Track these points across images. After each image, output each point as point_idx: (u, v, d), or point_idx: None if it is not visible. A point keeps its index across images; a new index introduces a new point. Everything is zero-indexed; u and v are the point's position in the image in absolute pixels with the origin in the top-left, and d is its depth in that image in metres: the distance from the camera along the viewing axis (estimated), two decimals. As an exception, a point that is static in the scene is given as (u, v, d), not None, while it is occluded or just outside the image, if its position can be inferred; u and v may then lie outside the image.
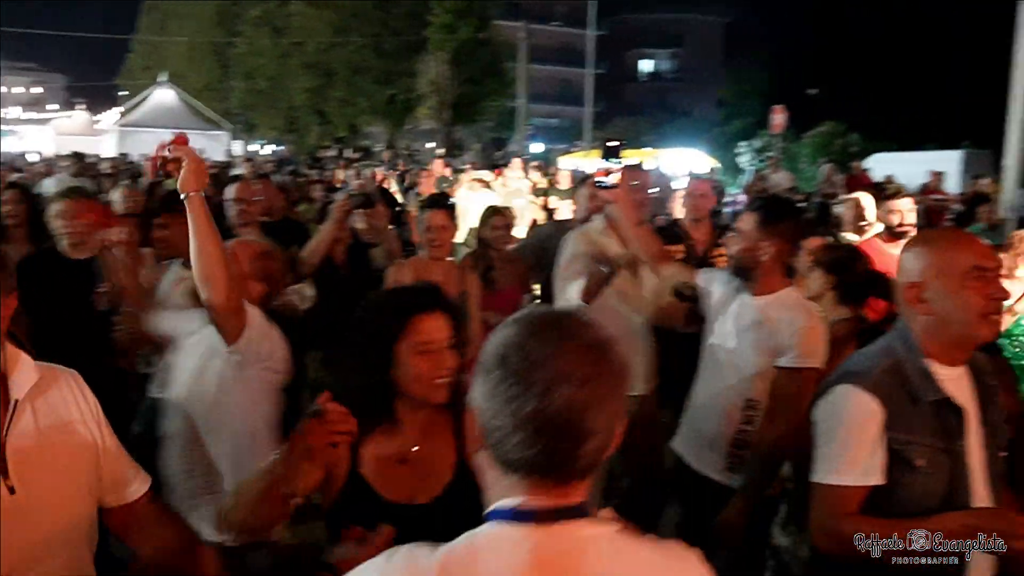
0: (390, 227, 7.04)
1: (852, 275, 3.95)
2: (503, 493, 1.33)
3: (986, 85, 21.07)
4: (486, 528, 1.32)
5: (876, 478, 2.26)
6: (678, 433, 3.76)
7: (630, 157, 18.78)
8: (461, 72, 34.76)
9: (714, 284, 3.68)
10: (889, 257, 4.79)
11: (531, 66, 36.86)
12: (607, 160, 3.59)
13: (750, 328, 3.41)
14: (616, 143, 3.65)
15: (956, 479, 2.26)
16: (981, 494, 2.30)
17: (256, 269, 3.00)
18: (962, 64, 38.52)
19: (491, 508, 1.34)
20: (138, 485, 2.18)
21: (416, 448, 2.26)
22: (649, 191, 4.68)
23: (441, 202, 4.71)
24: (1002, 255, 4.62)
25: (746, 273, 3.49)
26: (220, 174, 11.27)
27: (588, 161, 22.60)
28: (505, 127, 39.78)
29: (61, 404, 2.01)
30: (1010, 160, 14.53)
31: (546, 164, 22.76)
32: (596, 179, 3.64)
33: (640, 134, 38.39)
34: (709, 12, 57.41)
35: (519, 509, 1.30)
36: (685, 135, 35.51)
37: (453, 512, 2.06)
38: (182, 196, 2.76)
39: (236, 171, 13.88)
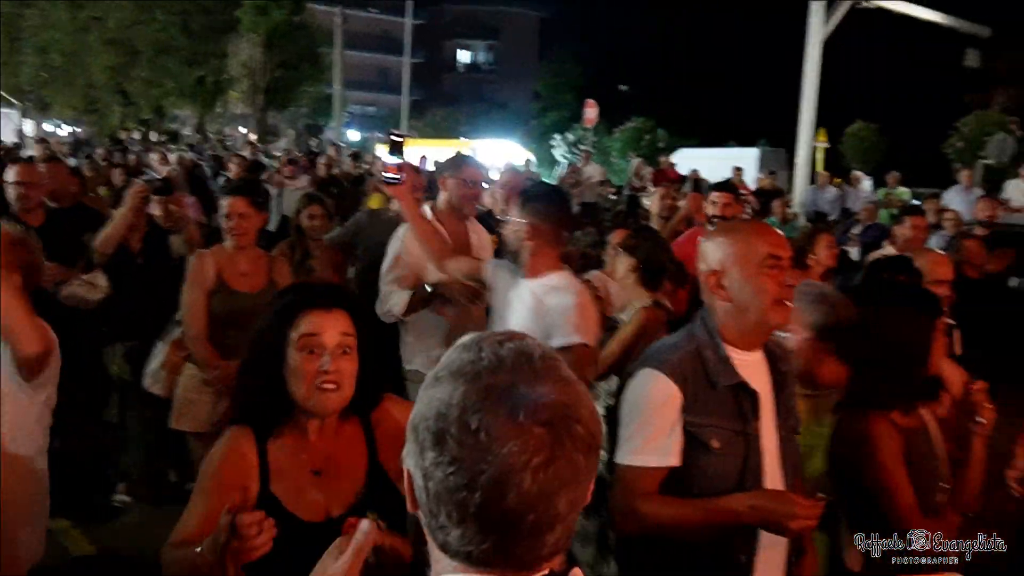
0: (198, 214, 6.74)
1: (654, 258, 4.08)
2: (448, 569, 1.11)
3: (780, 87, 22.39)
4: None
5: (673, 459, 2.32)
6: None
7: (454, 147, 18.75)
8: (275, 56, 33.67)
9: (500, 272, 3.72)
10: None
11: (348, 52, 36.23)
12: (391, 155, 3.55)
13: (527, 311, 3.47)
14: (400, 138, 3.61)
15: (749, 461, 2.35)
16: (774, 476, 2.39)
17: (9, 258, 2.74)
18: (760, 67, 40.89)
19: None
20: None
21: (324, 463, 2.16)
22: (480, 184, 4.70)
23: (244, 189, 4.50)
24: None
25: (518, 258, 3.55)
26: (5, 156, 10.46)
27: (405, 149, 22.41)
28: (321, 114, 38.94)
29: None
30: (801, 158, 15.52)
31: (363, 152, 22.47)
32: (383, 174, 3.58)
33: (457, 124, 38.55)
34: (525, 6, 58.31)
35: None
36: (501, 126, 35.98)
37: None
38: None
39: (27, 153, 12.92)
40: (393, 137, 3.60)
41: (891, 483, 2.55)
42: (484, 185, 4.71)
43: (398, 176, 3.56)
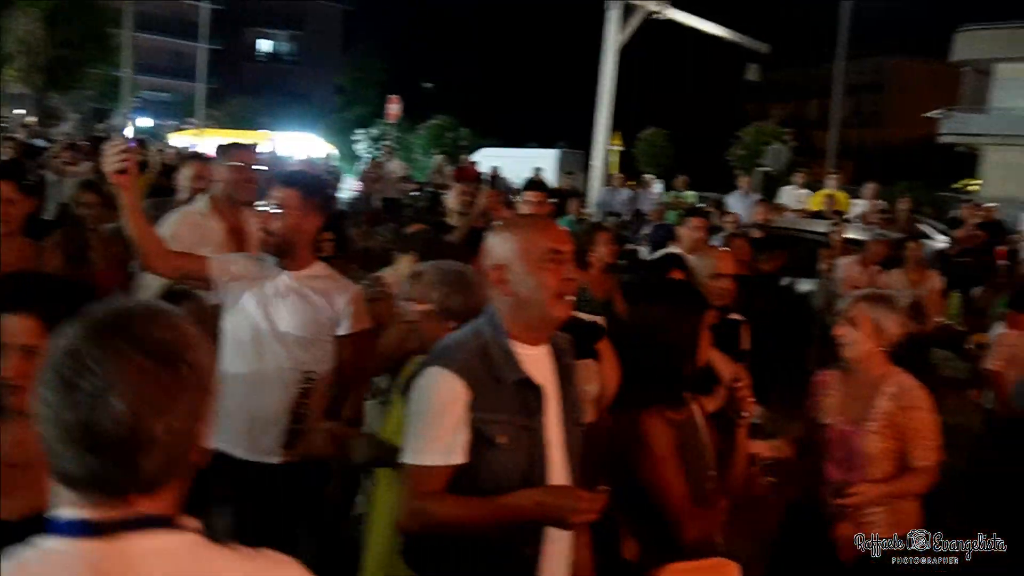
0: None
1: (433, 254, 4.10)
2: (64, 504, 1.21)
3: (579, 92, 23.12)
4: (40, 542, 1.20)
5: (458, 458, 2.30)
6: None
7: (254, 139, 18.08)
8: (57, 33, 31.48)
9: (235, 266, 3.53)
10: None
11: (139, 34, 34.46)
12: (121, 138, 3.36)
13: (302, 302, 3.42)
14: (128, 122, 3.44)
15: (535, 455, 2.37)
16: (559, 469, 2.42)
17: None
18: (560, 71, 42.16)
19: (50, 520, 1.22)
20: None
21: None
22: (255, 171, 4.56)
23: (10, 172, 4.17)
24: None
25: (286, 249, 3.45)
26: None
27: (201, 139, 21.64)
28: (109, 98, 36.77)
29: None
30: (597, 160, 16.08)
31: (154, 139, 21.45)
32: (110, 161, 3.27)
33: (257, 115, 37.47)
34: (330, -3, 57.48)
35: (78, 521, 1.19)
36: (303, 119, 35.26)
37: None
38: None
39: None
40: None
41: (664, 478, 2.67)
42: (257, 169, 4.58)
43: (121, 163, 3.25)
